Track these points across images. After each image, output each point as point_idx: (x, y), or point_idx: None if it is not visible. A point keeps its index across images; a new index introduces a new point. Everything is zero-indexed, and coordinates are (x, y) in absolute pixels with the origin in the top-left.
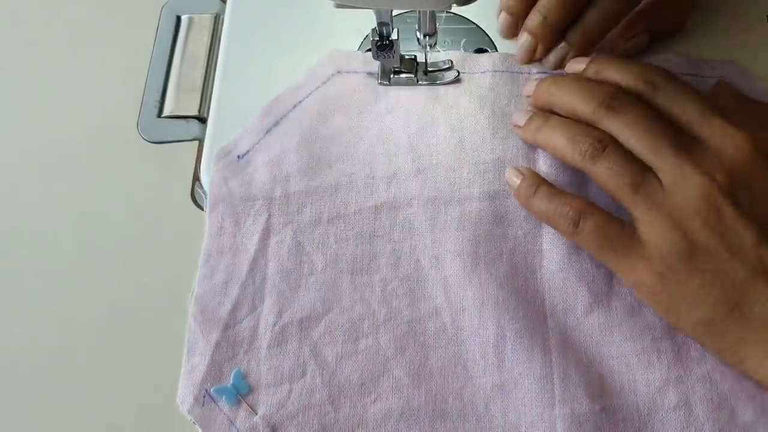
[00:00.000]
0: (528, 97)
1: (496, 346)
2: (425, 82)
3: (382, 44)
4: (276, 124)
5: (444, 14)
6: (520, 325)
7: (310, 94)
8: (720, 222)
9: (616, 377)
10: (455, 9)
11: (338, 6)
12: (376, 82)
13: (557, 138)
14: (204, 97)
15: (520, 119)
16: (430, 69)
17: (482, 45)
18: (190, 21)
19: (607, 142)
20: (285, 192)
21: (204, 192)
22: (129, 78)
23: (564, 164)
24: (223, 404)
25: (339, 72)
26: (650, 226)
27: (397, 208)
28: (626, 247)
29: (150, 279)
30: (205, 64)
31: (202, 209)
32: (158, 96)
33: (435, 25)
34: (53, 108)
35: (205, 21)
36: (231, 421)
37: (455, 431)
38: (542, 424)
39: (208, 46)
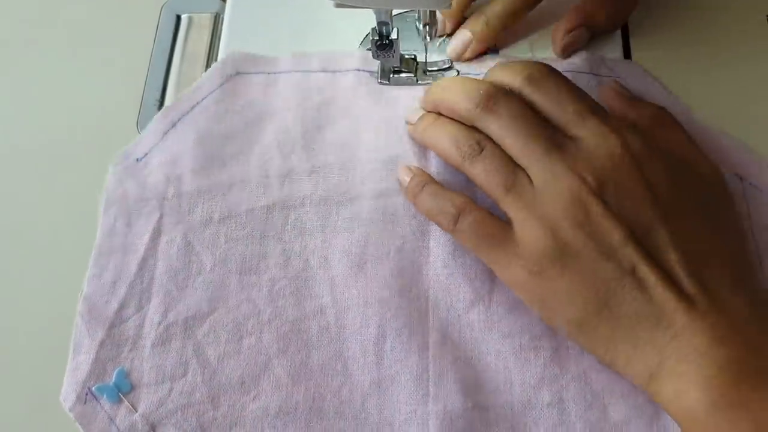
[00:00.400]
0: (420, 100)
1: (376, 344)
2: (425, 82)
3: (381, 44)
4: (173, 125)
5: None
6: (400, 323)
7: (207, 95)
8: (588, 222)
9: (493, 374)
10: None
11: (338, 5)
12: (266, 80)
13: (442, 139)
14: None
15: (413, 117)
16: (429, 68)
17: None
18: (190, 20)
19: (485, 144)
20: (177, 192)
21: None
22: (129, 77)
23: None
24: (105, 402)
25: (238, 73)
26: (522, 226)
27: (289, 208)
28: (502, 245)
29: None
30: (205, 63)
31: None
32: (158, 94)
33: (435, 15)
34: (53, 106)
35: (205, 20)
36: (111, 419)
37: (331, 429)
38: (415, 420)
39: (208, 45)
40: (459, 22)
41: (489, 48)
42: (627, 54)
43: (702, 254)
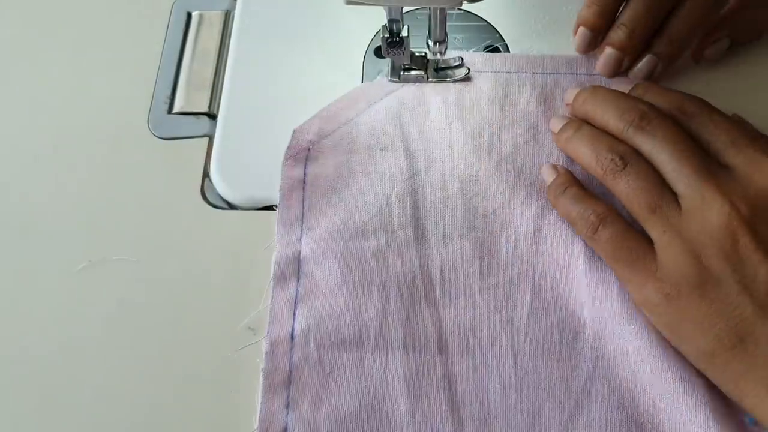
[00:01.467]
0: (567, 105)
1: None
2: (435, 80)
3: (392, 41)
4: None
5: (455, 11)
6: None
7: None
8: (735, 252)
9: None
10: (466, 6)
11: (349, 3)
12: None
13: (584, 149)
14: (214, 93)
15: (556, 125)
16: (440, 66)
17: (492, 42)
18: (201, 17)
19: (629, 159)
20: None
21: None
22: (139, 74)
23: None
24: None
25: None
26: (665, 248)
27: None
28: (640, 263)
29: (159, 275)
30: (216, 61)
31: (211, 205)
32: (168, 92)
33: (445, 31)
34: (64, 104)
35: (216, 17)
36: None
37: None
38: None
39: (219, 42)
40: (638, 53)
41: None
42: None
43: None
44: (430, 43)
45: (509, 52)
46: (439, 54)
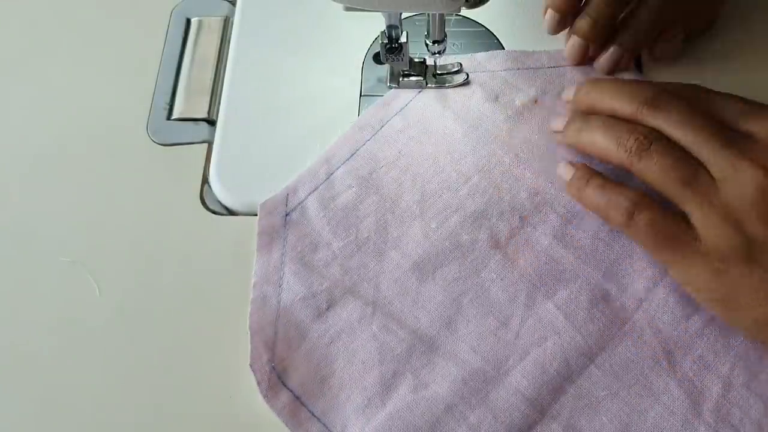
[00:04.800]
0: (568, 102)
1: None
2: (434, 85)
3: (391, 47)
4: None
5: (453, 17)
6: None
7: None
8: None
9: None
10: (464, 11)
11: (347, 9)
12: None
13: (600, 137)
14: (213, 99)
15: (559, 123)
16: (439, 72)
17: (491, 48)
18: (200, 24)
19: (653, 138)
20: None
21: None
22: (139, 80)
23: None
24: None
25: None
26: (705, 222)
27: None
28: (681, 243)
29: (158, 280)
30: (215, 67)
31: (210, 211)
32: (168, 98)
33: (444, 31)
34: (63, 110)
35: (215, 24)
36: None
37: None
38: None
39: (218, 48)
40: (603, 40)
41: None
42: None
43: None
44: (429, 42)
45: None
46: (438, 54)
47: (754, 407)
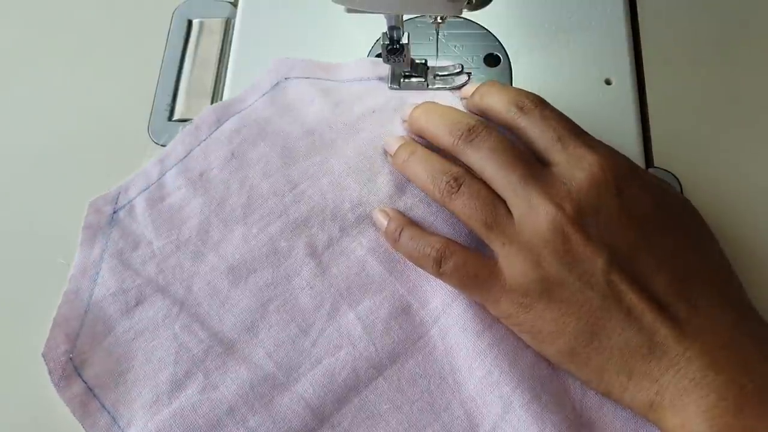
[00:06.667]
0: (404, 121)
1: None
2: (436, 86)
3: (392, 48)
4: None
5: (454, 19)
6: None
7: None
8: (569, 251)
9: None
10: (465, 14)
11: (349, 10)
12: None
13: (420, 172)
14: (214, 101)
15: (392, 146)
16: (440, 73)
17: (492, 50)
18: (202, 25)
19: (462, 180)
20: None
21: None
22: (140, 81)
23: None
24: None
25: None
26: (506, 260)
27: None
28: (489, 282)
29: None
30: (216, 68)
31: None
32: (169, 100)
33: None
34: (64, 111)
35: (216, 25)
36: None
37: None
38: None
39: (219, 50)
40: None
41: None
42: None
43: (688, 273)
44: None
45: (509, 60)
46: (440, 19)
47: (531, 429)
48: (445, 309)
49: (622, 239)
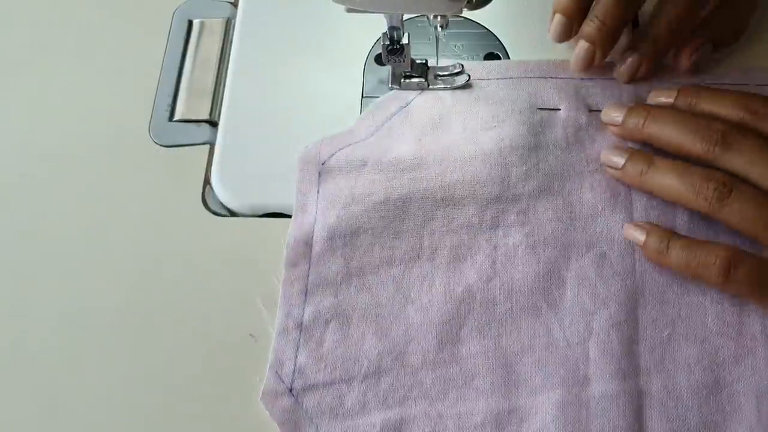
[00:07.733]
0: (612, 126)
1: None
2: (436, 87)
3: (392, 48)
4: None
5: (455, 18)
6: None
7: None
8: None
9: None
10: (466, 13)
11: (349, 10)
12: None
13: (671, 183)
14: (215, 100)
15: (617, 159)
16: (440, 73)
17: (493, 50)
18: (202, 25)
19: (731, 184)
20: None
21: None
22: (141, 82)
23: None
24: None
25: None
26: None
27: None
28: None
29: (160, 281)
30: (217, 68)
31: (212, 212)
32: (170, 100)
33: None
34: (65, 112)
35: (217, 25)
36: None
37: None
38: None
39: (220, 50)
40: (611, 47)
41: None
42: None
43: None
44: (430, 17)
45: (509, 59)
46: (440, 27)
47: None
48: None
49: None
